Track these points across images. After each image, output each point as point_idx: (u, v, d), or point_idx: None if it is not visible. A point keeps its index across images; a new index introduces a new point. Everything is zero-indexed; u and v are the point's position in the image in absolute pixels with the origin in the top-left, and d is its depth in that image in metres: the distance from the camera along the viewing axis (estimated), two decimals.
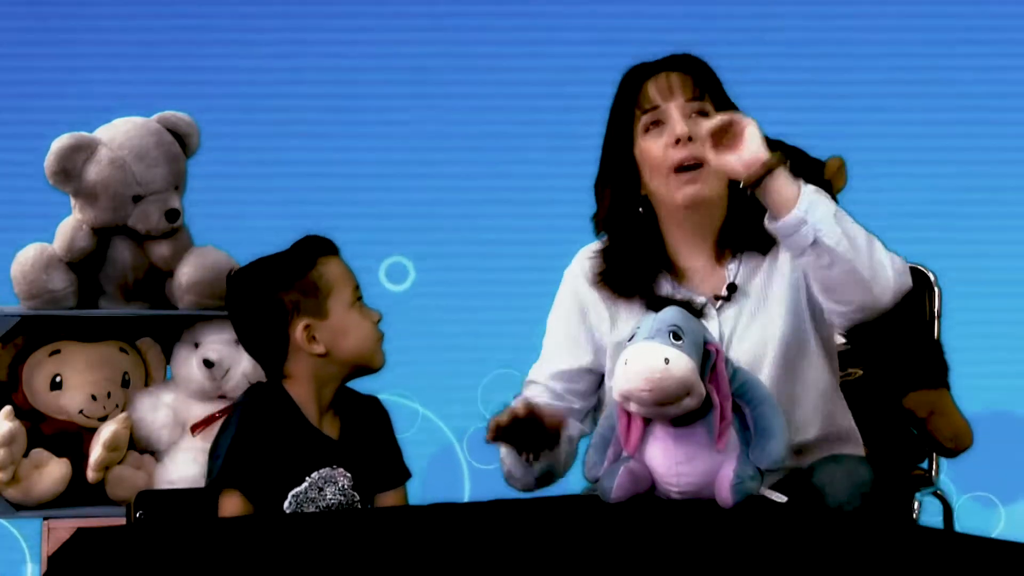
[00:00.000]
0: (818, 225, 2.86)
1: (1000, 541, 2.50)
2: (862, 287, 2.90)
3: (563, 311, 3.17)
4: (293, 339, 2.99)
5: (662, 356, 2.69)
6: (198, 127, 3.92)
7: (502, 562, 2.52)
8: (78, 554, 2.54)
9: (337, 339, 3.00)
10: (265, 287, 3.00)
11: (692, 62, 3.09)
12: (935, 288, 3.77)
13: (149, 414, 3.81)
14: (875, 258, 2.90)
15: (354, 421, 3.07)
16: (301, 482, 2.98)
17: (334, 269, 3.03)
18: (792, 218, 2.87)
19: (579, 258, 3.17)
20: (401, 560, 2.54)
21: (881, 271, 2.90)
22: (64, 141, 3.77)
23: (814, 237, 2.86)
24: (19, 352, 3.84)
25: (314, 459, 2.99)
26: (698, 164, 3.00)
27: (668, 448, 2.78)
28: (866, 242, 2.90)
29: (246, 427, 2.96)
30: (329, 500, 2.99)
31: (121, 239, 3.83)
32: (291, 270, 3.00)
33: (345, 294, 3.01)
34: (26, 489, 3.72)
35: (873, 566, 2.47)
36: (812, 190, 2.90)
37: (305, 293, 2.99)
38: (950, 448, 3.69)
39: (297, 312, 2.99)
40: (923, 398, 3.64)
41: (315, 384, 3.02)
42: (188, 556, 2.57)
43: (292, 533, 2.69)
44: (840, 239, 2.87)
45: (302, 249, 3.04)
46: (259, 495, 2.94)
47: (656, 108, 3.05)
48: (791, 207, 2.87)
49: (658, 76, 3.07)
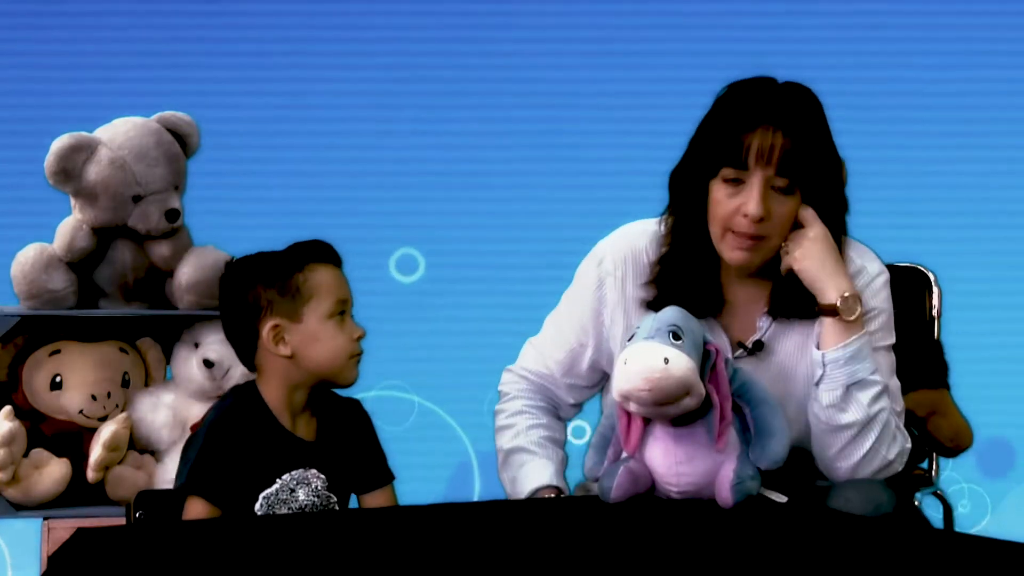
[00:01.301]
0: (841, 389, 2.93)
1: (1000, 541, 2.50)
2: (826, 462, 2.99)
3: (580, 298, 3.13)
4: (261, 336, 3.01)
5: (662, 356, 2.69)
6: (198, 127, 3.92)
7: (502, 562, 2.52)
8: (78, 554, 2.54)
9: (306, 346, 3.01)
10: (246, 279, 3.02)
11: (795, 115, 2.93)
12: (935, 288, 3.76)
13: (149, 414, 3.81)
14: (866, 454, 2.95)
15: (332, 423, 3.08)
16: (272, 484, 2.99)
17: (322, 277, 3.03)
18: (830, 355, 2.93)
19: (621, 247, 3.10)
20: (401, 560, 2.54)
21: (859, 467, 2.95)
22: (64, 141, 3.77)
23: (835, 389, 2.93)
24: (19, 352, 3.84)
25: (285, 461, 3.01)
26: (758, 237, 2.95)
27: (668, 448, 2.78)
28: (877, 432, 2.95)
29: (213, 432, 3.00)
30: (302, 501, 3.00)
31: (121, 239, 3.83)
32: (277, 269, 3.01)
33: (325, 304, 3.01)
34: (26, 489, 3.72)
35: (873, 566, 2.47)
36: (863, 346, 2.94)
37: (282, 293, 3.00)
38: (950, 448, 3.69)
39: (270, 310, 3.00)
40: (923, 398, 3.63)
41: (285, 386, 3.03)
42: (188, 556, 2.57)
43: (293, 533, 2.69)
44: (853, 415, 2.93)
45: (297, 251, 3.05)
46: (225, 500, 2.96)
47: (743, 168, 2.92)
48: (832, 344, 2.93)
49: (755, 133, 2.90)
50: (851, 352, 2.93)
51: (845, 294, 2.93)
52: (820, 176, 2.95)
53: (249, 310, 3.01)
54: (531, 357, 3.20)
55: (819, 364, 2.95)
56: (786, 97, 2.95)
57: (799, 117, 2.93)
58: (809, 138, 2.93)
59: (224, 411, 3.03)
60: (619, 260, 3.09)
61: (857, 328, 2.94)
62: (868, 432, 2.94)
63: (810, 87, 3.00)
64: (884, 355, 3.02)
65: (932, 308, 3.76)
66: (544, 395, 3.19)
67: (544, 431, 3.14)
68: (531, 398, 3.18)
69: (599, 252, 3.12)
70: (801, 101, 2.96)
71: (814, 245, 2.94)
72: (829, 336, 2.94)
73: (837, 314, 2.92)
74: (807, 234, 2.95)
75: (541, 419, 3.16)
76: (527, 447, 3.12)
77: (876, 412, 2.94)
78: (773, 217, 2.93)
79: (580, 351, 3.13)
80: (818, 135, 2.95)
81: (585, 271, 3.13)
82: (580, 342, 3.13)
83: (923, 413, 3.64)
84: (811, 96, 2.98)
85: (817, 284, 2.94)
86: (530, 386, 3.18)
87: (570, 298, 3.16)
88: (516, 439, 3.14)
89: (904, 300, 3.32)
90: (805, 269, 2.94)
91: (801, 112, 2.94)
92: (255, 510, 2.98)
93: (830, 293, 2.93)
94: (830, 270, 2.94)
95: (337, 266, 3.07)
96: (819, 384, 2.95)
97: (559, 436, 3.17)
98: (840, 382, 2.93)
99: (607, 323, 3.10)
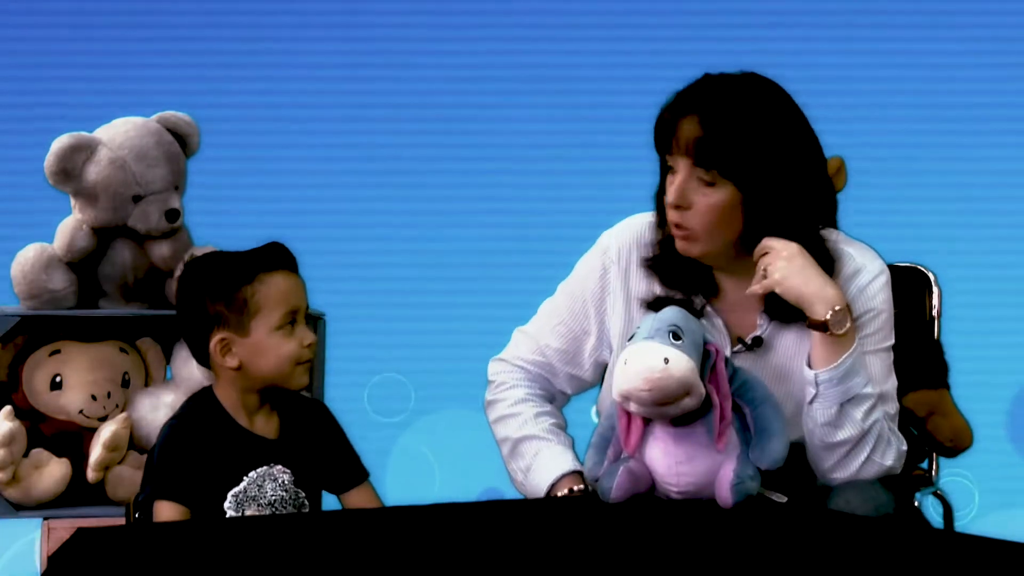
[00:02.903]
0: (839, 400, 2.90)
1: (1000, 541, 2.50)
2: (822, 474, 2.96)
3: (583, 285, 3.12)
4: (209, 346, 3.02)
5: (662, 356, 2.69)
6: (198, 127, 3.91)
7: (502, 562, 2.52)
8: (78, 554, 2.54)
9: (253, 358, 3.02)
10: (196, 291, 3.03)
11: (716, 105, 2.89)
12: (935, 288, 3.76)
13: (149, 414, 3.81)
14: (859, 460, 2.94)
15: (294, 422, 3.10)
16: (239, 482, 3.01)
17: (271, 288, 3.02)
18: (824, 374, 2.90)
19: (626, 237, 3.09)
20: (401, 560, 2.53)
21: (856, 476, 2.94)
22: (64, 141, 3.77)
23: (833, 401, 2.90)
24: (19, 352, 3.83)
25: (249, 459, 3.03)
26: (683, 227, 2.93)
27: (668, 448, 2.78)
28: (873, 441, 2.93)
29: (171, 437, 3.02)
30: (271, 496, 3.02)
31: (121, 239, 3.83)
32: (225, 282, 3.01)
33: (273, 316, 3.01)
34: (26, 489, 3.72)
35: (874, 566, 2.47)
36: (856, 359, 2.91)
37: (230, 308, 3.01)
38: (950, 448, 3.68)
39: (218, 324, 3.01)
40: (923, 398, 3.63)
41: (237, 389, 3.05)
42: (188, 556, 2.57)
43: (294, 534, 2.69)
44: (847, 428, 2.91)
45: (248, 260, 3.03)
46: (191, 500, 2.97)
47: (671, 157, 2.93)
48: (827, 363, 2.90)
49: (680, 123, 2.90)
50: (844, 370, 2.89)
51: (835, 307, 2.87)
52: (753, 169, 2.88)
53: (199, 319, 3.02)
54: (525, 346, 3.16)
55: (812, 384, 2.91)
56: (712, 88, 2.92)
57: (720, 107, 2.88)
58: (730, 129, 2.87)
59: (180, 417, 3.08)
60: (624, 250, 3.08)
61: (849, 343, 2.89)
62: (863, 445, 2.92)
63: (769, 78, 2.95)
64: (882, 357, 2.99)
65: (932, 308, 3.75)
66: (541, 384, 3.16)
67: (551, 418, 3.12)
68: (530, 386, 3.15)
69: (604, 241, 3.11)
70: (728, 92, 2.90)
71: (791, 263, 2.88)
72: (821, 354, 2.90)
73: (828, 329, 2.88)
74: (780, 254, 2.89)
75: (545, 407, 3.13)
76: (539, 434, 3.09)
77: (870, 426, 2.92)
78: (694, 208, 2.90)
79: (583, 338, 3.11)
80: (744, 126, 2.87)
81: (589, 259, 3.12)
82: (584, 329, 3.10)
83: (923, 413, 3.63)
84: (749, 87, 2.92)
85: (803, 302, 2.88)
86: (527, 375, 3.15)
87: (571, 286, 3.13)
88: (525, 427, 3.10)
89: (904, 300, 3.32)
90: (788, 289, 2.88)
91: (723, 102, 2.89)
92: (224, 508, 3.00)
93: (818, 309, 2.88)
94: (814, 286, 2.88)
95: (292, 271, 3.05)
96: (813, 403, 2.92)
97: (563, 424, 3.15)
98: (834, 400, 2.90)
99: (609, 311, 3.09)
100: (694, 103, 2.90)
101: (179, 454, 3.00)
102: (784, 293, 2.89)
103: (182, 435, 3.02)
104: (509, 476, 3.13)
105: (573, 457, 3.06)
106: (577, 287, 3.12)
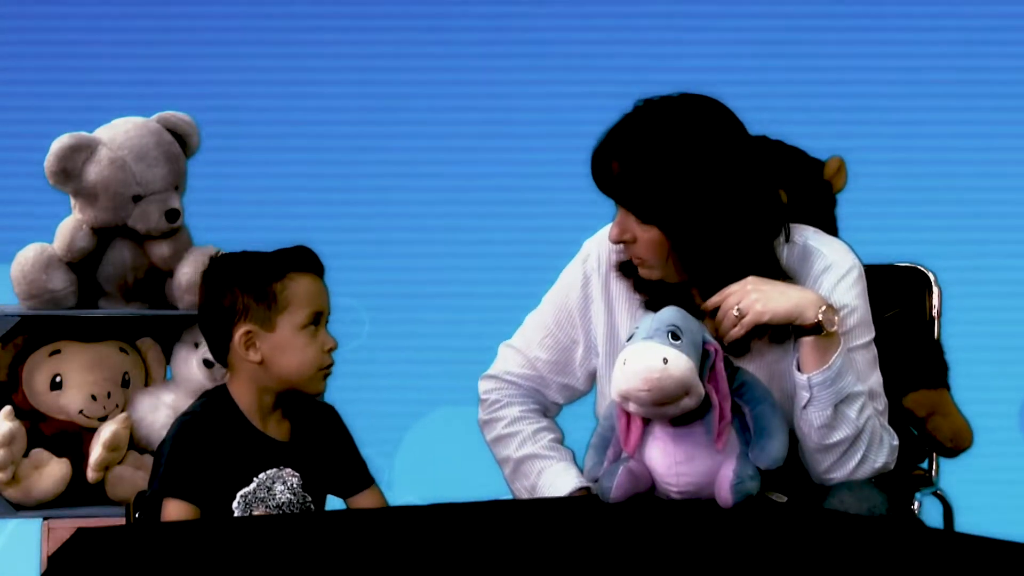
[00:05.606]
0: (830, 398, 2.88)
1: (1000, 541, 2.50)
2: (818, 476, 2.94)
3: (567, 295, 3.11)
4: (233, 339, 3.02)
5: (660, 356, 2.69)
6: (198, 127, 3.92)
7: (501, 562, 2.52)
8: (78, 554, 2.54)
9: (275, 354, 3.02)
10: (225, 280, 3.03)
11: (625, 141, 2.89)
12: (935, 288, 3.76)
13: (149, 414, 3.81)
14: (853, 458, 2.93)
15: (306, 426, 3.10)
16: (249, 483, 3.01)
17: (300, 287, 3.03)
18: (816, 377, 2.88)
19: (607, 244, 3.05)
20: (402, 560, 2.54)
21: (852, 476, 2.92)
22: (64, 141, 3.77)
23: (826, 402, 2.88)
24: (19, 352, 3.84)
25: (260, 460, 3.03)
26: (637, 258, 2.94)
27: (667, 448, 2.78)
28: (866, 440, 2.92)
29: (184, 433, 3.01)
30: (279, 499, 3.02)
31: (121, 239, 3.83)
32: (256, 274, 3.02)
33: (299, 315, 3.02)
34: (26, 489, 3.72)
35: (873, 566, 2.47)
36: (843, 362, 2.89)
37: (259, 300, 3.01)
38: (950, 448, 3.69)
39: (245, 315, 3.01)
40: (923, 398, 3.63)
41: (255, 387, 3.05)
42: (188, 556, 2.57)
43: (293, 534, 2.69)
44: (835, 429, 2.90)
45: (279, 258, 3.05)
46: (201, 499, 2.97)
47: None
48: (815, 367, 2.88)
49: (597, 168, 2.91)
50: (836, 371, 2.87)
51: (822, 308, 2.84)
52: (672, 214, 2.86)
53: (224, 311, 3.03)
54: (514, 360, 3.14)
55: (805, 387, 2.88)
56: (633, 128, 2.89)
57: (636, 154, 2.87)
58: (645, 177, 2.86)
59: (194, 413, 3.06)
60: (604, 255, 3.08)
61: (836, 343, 2.87)
62: (859, 443, 2.91)
63: (707, 97, 2.90)
64: (863, 353, 2.96)
65: (932, 308, 3.76)
66: (535, 399, 3.14)
67: (550, 434, 3.11)
68: (524, 402, 3.13)
69: (585, 249, 3.11)
70: (648, 133, 2.88)
71: (760, 291, 2.85)
72: (811, 358, 2.87)
73: (822, 330, 2.85)
74: (745, 289, 2.85)
75: (542, 422, 3.12)
76: (540, 453, 3.08)
77: (864, 422, 2.91)
78: (638, 241, 2.91)
79: (572, 348, 3.10)
80: (660, 173, 2.85)
81: (572, 269, 3.11)
82: (572, 338, 3.09)
83: (923, 413, 3.64)
84: (672, 123, 2.88)
85: (793, 315, 2.85)
86: (520, 390, 3.13)
87: (555, 297, 3.12)
88: (525, 446, 3.09)
89: (904, 300, 3.32)
90: (776, 313, 2.84)
91: (640, 147, 2.87)
92: (232, 508, 3.00)
93: (808, 314, 2.84)
94: (794, 296, 2.85)
95: (319, 275, 3.07)
96: (807, 407, 2.89)
97: (561, 437, 3.14)
98: (829, 402, 2.88)
99: (594, 319, 3.08)
100: (614, 148, 2.89)
101: (192, 451, 2.99)
102: (773, 319, 2.86)
103: (195, 432, 3.01)
104: (513, 495, 3.12)
105: (577, 473, 3.04)
106: (561, 298, 3.11)
